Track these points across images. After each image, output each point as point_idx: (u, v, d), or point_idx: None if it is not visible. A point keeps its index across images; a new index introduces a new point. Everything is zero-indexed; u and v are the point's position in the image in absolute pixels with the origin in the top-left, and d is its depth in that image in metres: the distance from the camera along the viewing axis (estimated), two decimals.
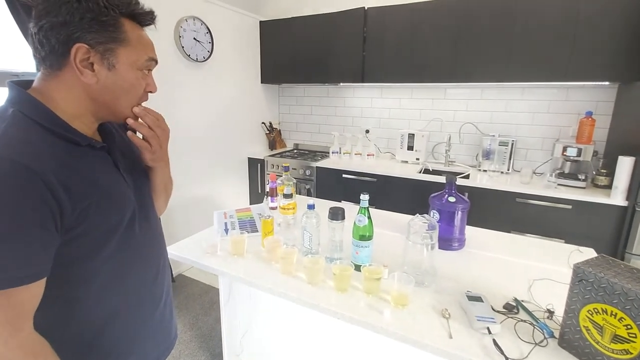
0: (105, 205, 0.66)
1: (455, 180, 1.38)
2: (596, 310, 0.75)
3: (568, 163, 2.35)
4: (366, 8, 2.69)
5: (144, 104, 0.74)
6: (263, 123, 3.52)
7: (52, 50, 0.61)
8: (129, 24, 0.66)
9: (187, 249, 1.32)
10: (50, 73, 0.63)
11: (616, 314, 0.71)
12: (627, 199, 1.98)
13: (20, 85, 0.64)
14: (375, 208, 1.75)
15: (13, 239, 0.53)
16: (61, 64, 0.62)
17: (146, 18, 0.70)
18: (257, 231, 1.46)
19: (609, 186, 2.14)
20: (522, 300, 1.00)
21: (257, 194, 3.35)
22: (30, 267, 0.56)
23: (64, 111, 0.64)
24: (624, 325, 0.70)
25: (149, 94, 0.74)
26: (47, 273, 0.58)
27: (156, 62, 0.72)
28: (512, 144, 2.53)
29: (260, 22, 3.22)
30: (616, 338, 0.71)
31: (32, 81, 0.67)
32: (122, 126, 0.88)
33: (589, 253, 1.31)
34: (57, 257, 0.59)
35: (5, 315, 0.55)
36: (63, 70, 0.63)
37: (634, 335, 0.68)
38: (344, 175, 2.83)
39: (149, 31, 0.73)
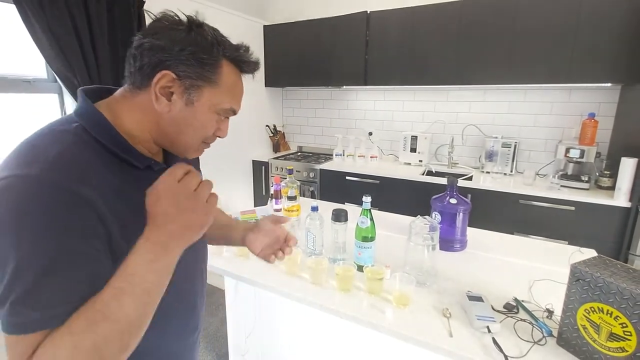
0: None
1: (457, 182, 1.40)
2: (593, 309, 0.76)
3: (571, 164, 2.35)
4: (368, 12, 2.72)
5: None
6: (267, 126, 3.56)
7: (140, 68, 0.59)
8: (228, 68, 0.63)
9: None
10: (131, 90, 0.62)
11: (612, 312, 0.72)
12: (630, 200, 1.98)
13: (93, 92, 0.62)
14: (378, 210, 1.78)
15: (50, 273, 0.47)
16: (143, 84, 0.60)
17: (249, 67, 0.67)
18: None
19: (612, 187, 2.14)
20: (522, 300, 1.02)
21: (261, 196, 3.39)
22: (54, 309, 0.47)
23: (128, 132, 0.61)
24: (619, 324, 0.71)
25: (218, 137, 0.70)
26: (65, 317, 0.48)
27: (235, 113, 0.69)
28: (515, 146, 2.54)
29: (264, 26, 3.26)
30: (612, 336, 0.73)
31: (105, 89, 0.65)
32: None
33: (590, 254, 1.32)
34: None
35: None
36: (142, 91, 0.60)
37: (629, 333, 0.70)
38: (347, 178, 2.85)
39: None
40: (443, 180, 2.48)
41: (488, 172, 2.63)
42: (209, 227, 0.60)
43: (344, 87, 3.21)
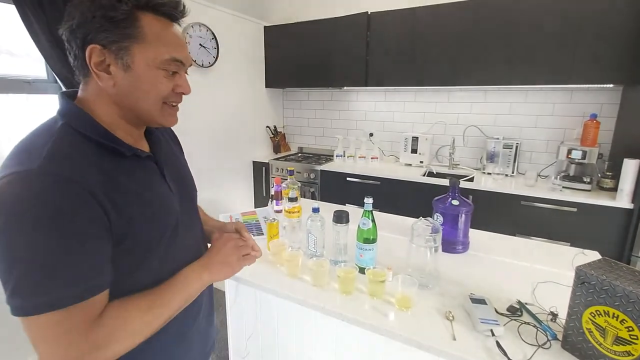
0: (149, 217, 0.63)
1: (459, 184, 1.39)
2: (598, 313, 0.75)
3: (573, 166, 2.34)
4: (369, 13, 2.72)
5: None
6: (267, 127, 3.55)
7: (76, 57, 0.59)
8: (148, 19, 0.60)
9: None
10: (83, 81, 0.62)
11: (618, 316, 0.71)
12: (633, 201, 1.97)
13: (71, 96, 0.63)
14: (379, 211, 1.77)
15: (73, 252, 0.52)
16: (85, 71, 0.60)
17: (166, 8, 0.62)
18: (262, 234, 1.48)
19: (614, 189, 2.13)
20: (526, 303, 1.01)
21: (262, 198, 3.38)
22: (94, 279, 0.54)
23: (104, 121, 0.61)
24: (625, 327, 0.70)
25: (184, 95, 0.69)
26: (108, 285, 0.57)
27: (183, 63, 0.65)
28: (517, 147, 2.53)
29: (265, 27, 3.26)
30: (618, 340, 0.72)
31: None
32: (171, 135, 0.87)
33: (593, 256, 1.31)
34: None
35: (70, 329, 0.52)
36: (89, 77, 0.61)
37: (635, 337, 0.69)
38: (348, 179, 2.84)
39: None
40: (444, 182, 2.47)
41: (489, 174, 2.62)
42: None
43: (345, 88, 3.20)
